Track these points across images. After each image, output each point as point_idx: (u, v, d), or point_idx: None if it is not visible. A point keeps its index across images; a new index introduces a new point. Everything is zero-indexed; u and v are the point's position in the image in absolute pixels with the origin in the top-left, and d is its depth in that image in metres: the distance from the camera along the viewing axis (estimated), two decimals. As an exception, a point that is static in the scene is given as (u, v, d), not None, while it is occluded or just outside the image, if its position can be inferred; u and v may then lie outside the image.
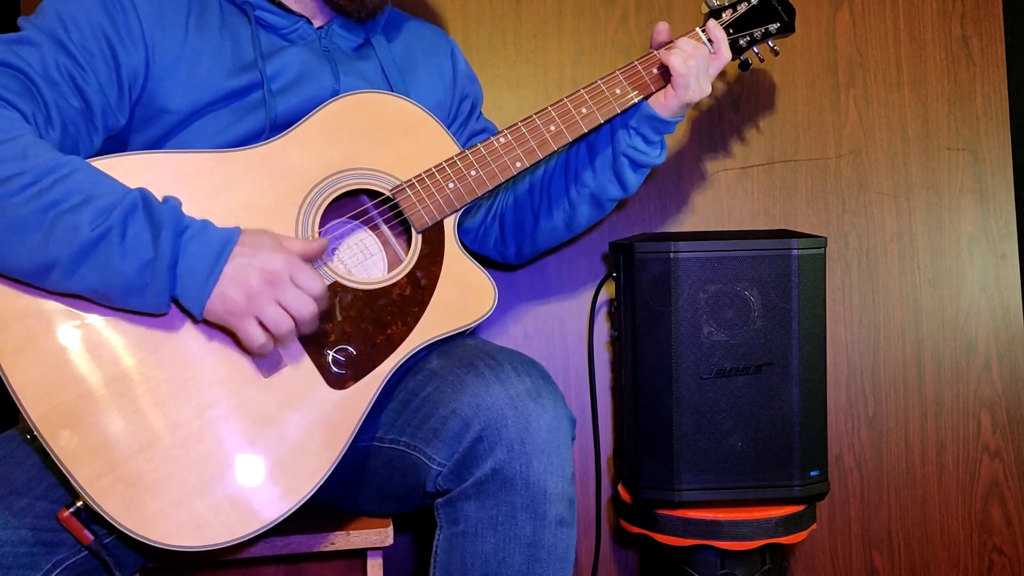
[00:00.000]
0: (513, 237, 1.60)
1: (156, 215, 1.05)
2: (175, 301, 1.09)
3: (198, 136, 1.26)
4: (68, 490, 1.09)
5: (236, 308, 1.07)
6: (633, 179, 1.48)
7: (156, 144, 1.26)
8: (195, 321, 1.11)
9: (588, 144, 1.48)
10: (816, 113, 1.90)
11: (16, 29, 1.18)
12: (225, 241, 1.07)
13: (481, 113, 1.60)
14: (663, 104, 1.41)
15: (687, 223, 1.88)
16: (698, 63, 1.39)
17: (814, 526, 1.65)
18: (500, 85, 1.85)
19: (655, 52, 1.43)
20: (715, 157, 1.89)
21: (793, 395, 1.56)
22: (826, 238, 1.60)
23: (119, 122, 1.23)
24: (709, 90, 1.42)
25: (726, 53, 1.45)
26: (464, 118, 1.54)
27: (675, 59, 1.38)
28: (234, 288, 1.06)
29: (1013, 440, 1.90)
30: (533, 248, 1.61)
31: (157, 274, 1.04)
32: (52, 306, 1.07)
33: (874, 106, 1.90)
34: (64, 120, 1.15)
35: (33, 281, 1.05)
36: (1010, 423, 1.90)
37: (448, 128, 1.49)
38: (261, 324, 1.08)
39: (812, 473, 1.57)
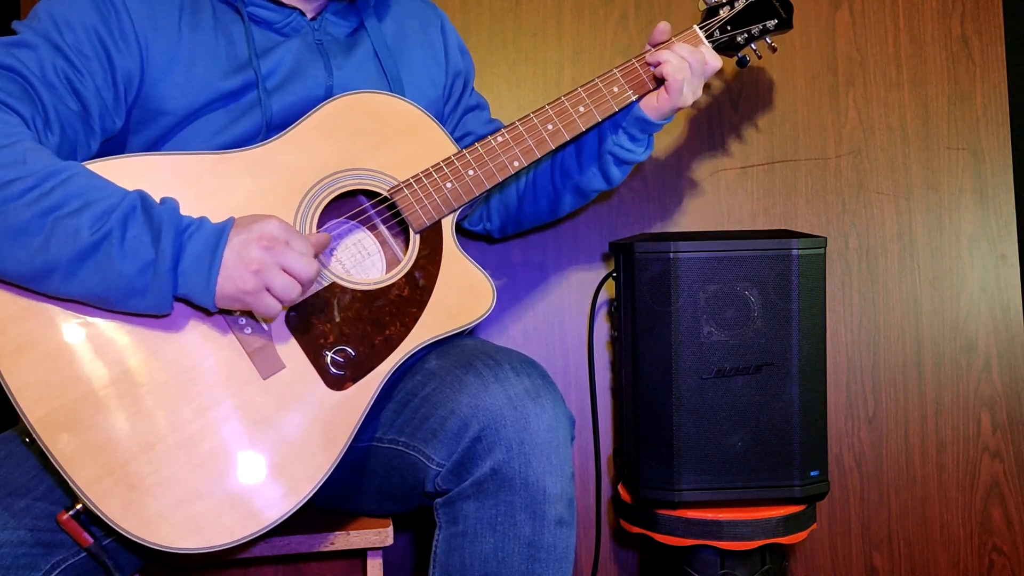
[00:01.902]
0: (498, 216, 1.65)
1: (155, 216, 1.05)
2: (183, 300, 1.09)
3: (195, 137, 1.26)
4: (67, 492, 1.09)
5: (247, 287, 1.07)
6: (617, 174, 1.50)
7: (153, 146, 1.26)
8: (207, 314, 1.11)
9: (576, 140, 1.49)
10: (816, 113, 1.90)
11: (9, 32, 1.18)
12: (221, 230, 1.08)
13: (474, 88, 1.61)
14: (655, 107, 1.41)
15: (687, 223, 1.88)
16: (692, 67, 1.39)
17: (814, 526, 1.65)
18: (500, 84, 1.85)
19: (652, 51, 1.43)
20: (715, 157, 1.89)
21: (793, 395, 1.56)
22: (826, 238, 1.60)
23: (116, 125, 1.23)
24: (700, 94, 1.43)
25: (714, 61, 1.44)
26: (458, 95, 1.55)
27: (668, 68, 1.38)
28: (239, 267, 1.06)
29: (1013, 440, 1.90)
30: (517, 227, 1.67)
31: (159, 275, 1.04)
32: (51, 308, 1.07)
33: (874, 106, 1.90)
34: (62, 123, 1.15)
35: (33, 286, 1.05)
36: (1010, 423, 1.90)
37: (443, 106, 1.49)
38: (271, 294, 1.09)
39: (812, 473, 1.57)
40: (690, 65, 1.39)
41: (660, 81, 1.41)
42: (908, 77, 1.91)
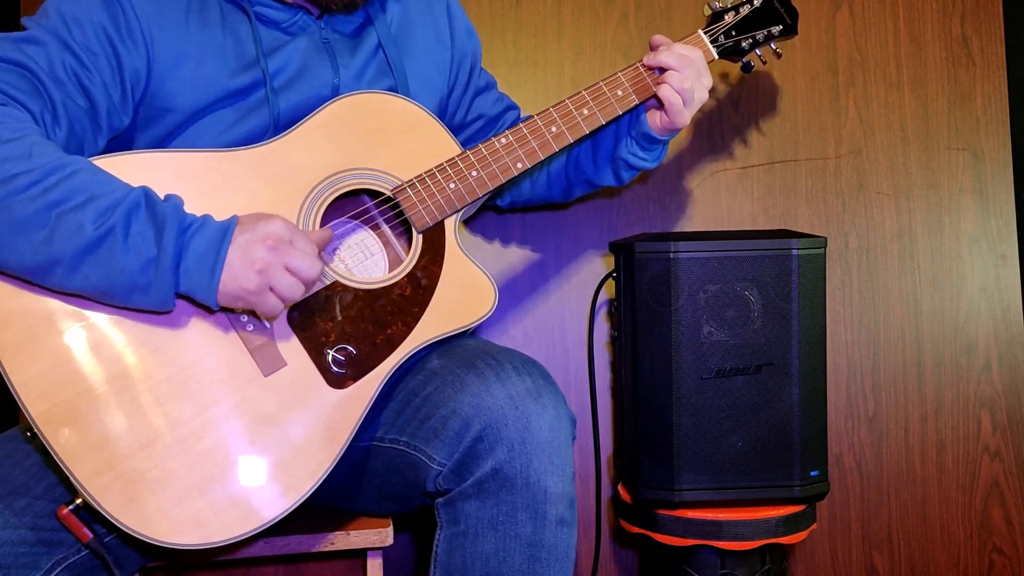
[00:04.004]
0: (509, 195, 1.69)
1: (159, 213, 1.05)
2: (185, 297, 1.09)
3: (202, 135, 1.26)
4: (68, 488, 1.09)
5: (251, 286, 1.07)
6: (628, 176, 1.53)
7: (161, 143, 1.26)
8: (209, 312, 1.12)
9: (592, 139, 1.50)
10: (816, 113, 1.90)
11: (17, 28, 1.19)
12: (225, 228, 1.08)
13: (482, 68, 1.60)
14: (658, 126, 1.43)
15: (687, 223, 1.89)
16: (693, 83, 1.39)
17: (814, 526, 1.65)
18: (500, 85, 1.84)
19: (652, 54, 1.43)
20: (715, 157, 1.89)
21: (793, 395, 1.56)
22: (826, 238, 1.60)
23: (123, 122, 1.24)
24: (706, 95, 1.43)
25: (692, 53, 1.44)
26: (466, 78, 1.54)
27: (664, 90, 1.39)
28: (243, 266, 1.06)
29: (1013, 440, 1.90)
30: (525, 204, 1.73)
31: (160, 272, 1.04)
32: (53, 303, 1.07)
33: (874, 106, 1.90)
34: (70, 120, 1.15)
35: (35, 279, 1.05)
36: (1010, 423, 1.90)
37: (450, 92, 1.49)
38: (275, 293, 1.09)
39: (812, 473, 1.57)
40: (689, 80, 1.39)
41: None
42: (908, 77, 1.91)
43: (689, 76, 1.38)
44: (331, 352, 1.18)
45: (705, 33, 1.47)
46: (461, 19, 1.54)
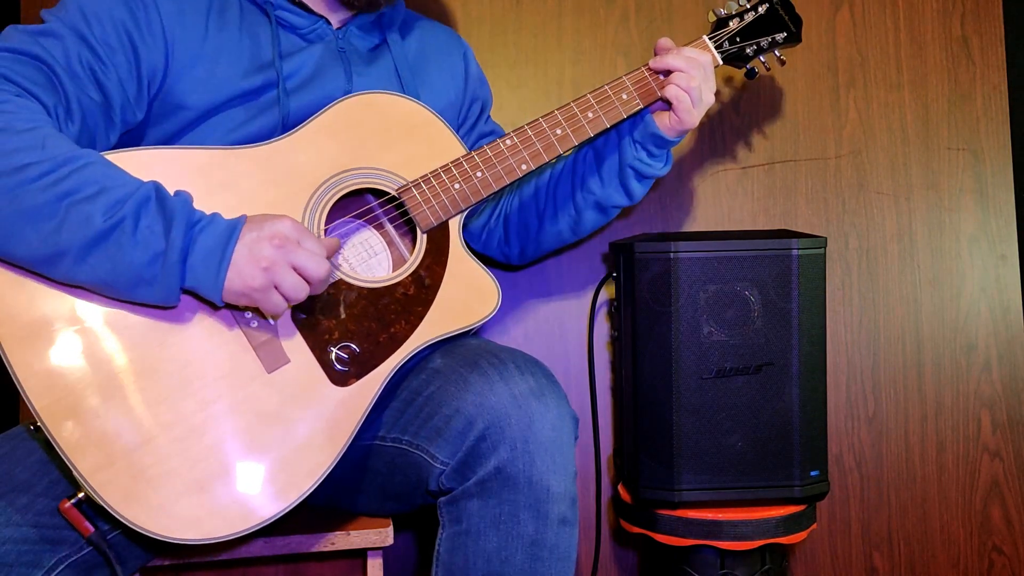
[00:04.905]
0: (517, 238, 1.61)
1: (168, 208, 1.06)
2: (191, 292, 1.10)
3: (212, 133, 1.26)
4: (70, 482, 1.09)
5: (256, 283, 1.07)
6: (638, 189, 1.49)
7: (171, 139, 1.27)
8: (214, 308, 1.12)
9: (595, 151, 1.48)
10: (816, 113, 1.90)
11: (22, 24, 1.19)
12: (233, 226, 1.08)
13: (489, 116, 1.61)
14: (668, 126, 1.41)
15: (687, 223, 1.89)
16: (700, 83, 1.39)
17: (814, 526, 1.65)
18: (501, 85, 1.85)
19: (658, 57, 1.43)
20: (715, 157, 1.89)
21: (793, 395, 1.56)
22: (826, 238, 1.61)
23: (136, 117, 1.24)
24: (713, 98, 1.42)
25: (702, 56, 1.44)
26: (473, 121, 1.56)
27: (672, 91, 1.38)
28: (249, 264, 1.07)
29: (1013, 440, 1.91)
30: (537, 249, 1.62)
31: (167, 266, 1.04)
32: (59, 298, 1.07)
33: (874, 106, 1.91)
34: (84, 114, 1.16)
35: (42, 270, 1.05)
36: (1010, 423, 1.90)
37: (457, 129, 1.49)
38: (280, 292, 1.09)
39: (812, 473, 1.57)
40: (696, 80, 1.38)
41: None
42: (908, 78, 1.91)
43: (696, 76, 1.38)
44: (334, 350, 1.18)
45: (710, 39, 1.47)
46: (476, 67, 1.58)
